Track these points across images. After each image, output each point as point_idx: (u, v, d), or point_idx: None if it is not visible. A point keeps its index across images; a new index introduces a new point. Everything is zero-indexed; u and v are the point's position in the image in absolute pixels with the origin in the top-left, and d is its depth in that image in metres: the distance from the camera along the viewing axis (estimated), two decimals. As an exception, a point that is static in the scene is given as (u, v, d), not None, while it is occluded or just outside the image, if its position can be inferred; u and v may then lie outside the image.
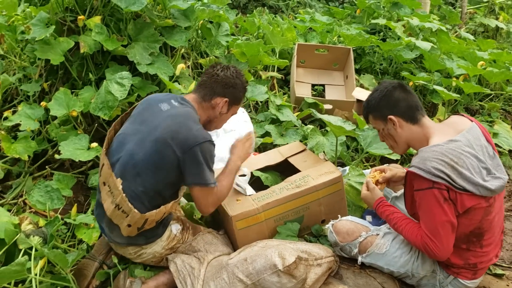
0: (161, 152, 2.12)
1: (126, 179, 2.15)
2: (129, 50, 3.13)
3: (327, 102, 3.96)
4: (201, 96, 2.31)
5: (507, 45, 7.57)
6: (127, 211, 2.11)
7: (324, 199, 2.56)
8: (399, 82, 2.22)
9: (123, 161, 2.18)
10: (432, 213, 1.96)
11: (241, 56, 3.85)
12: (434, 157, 1.94)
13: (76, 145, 2.89)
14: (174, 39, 3.32)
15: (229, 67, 2.34)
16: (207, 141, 2.14)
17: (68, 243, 2.69)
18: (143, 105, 2.34)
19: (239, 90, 2.35)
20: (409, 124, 2.14)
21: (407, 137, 2.16)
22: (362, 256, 2.26)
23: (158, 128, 2.15)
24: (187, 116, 2.19)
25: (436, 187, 1.92)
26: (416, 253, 2.21)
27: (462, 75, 4.72)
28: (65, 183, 2.86)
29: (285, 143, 3.22)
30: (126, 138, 2.23)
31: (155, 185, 2.16)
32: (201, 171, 2.14)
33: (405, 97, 2.15)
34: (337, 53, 4.48)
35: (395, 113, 2.15)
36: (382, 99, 2.17)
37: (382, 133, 2.25)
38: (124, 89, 2.92)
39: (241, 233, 2.40)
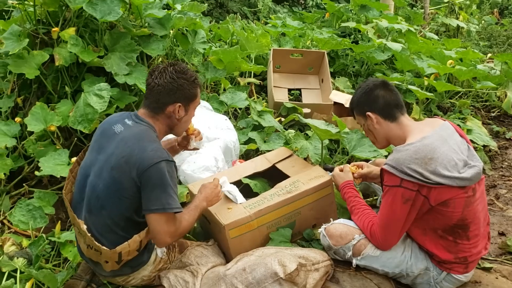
0: (119, 180, 2.01)
1: (93, 213, 2.08)
2: (105, 61, 3.06)
3: (306, 106, 3.97)
4: (151, 110, 2.15)
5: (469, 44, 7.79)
6: (98, 249, 2.04)
7: (315, 204, 2.55)
8: (383, 80, 2.29)
9: (87, 195, 2.10)
10: (390, 209, 2.08)
11: (218, 63, 3.83)
12: (407, 156, 2.02)
13: (56, 160, 2.80)
14: (151, 48, 3.26)
15: (166, 69, 2.11)
16: (163, 160, 1.99)
17: (53, 262, 2.59)
18: (99, 130, 2.22)
19: (188, 88, 2.14)
20: (387, 121, 2.22)
21: (385, 134, 2.25)
22: (356, 258, 2.26)
23: (113, 155, 2.04)
24: (140, 137, 2.05)
25: (403, 186, 2.01)
26: (409, 252, 2.23)
27: (433, 74, 4.82)
28: (46, 200, 2.77)
29: (269, 149, 3.21)
30: (88, 170, 2.14)
31: (122, 214, 2.07)
32: (159, 195, 1.98)
33: (384, 95, 2.23)
34: (312, 57, 4.51)
35: (373, 110, 2.23)
36: (362, 96, 2.27)
37: (363, 128, 2.35)
38: (104, 101, 2.85)
39: (234, 242, 2.36)
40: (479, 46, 7.96)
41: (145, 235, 2.10)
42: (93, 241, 2.03)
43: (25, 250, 2.40)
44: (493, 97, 5.29)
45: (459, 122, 4.34)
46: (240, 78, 3.97)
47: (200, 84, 2.24)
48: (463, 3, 9.35)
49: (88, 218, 2.09)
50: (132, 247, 2.08)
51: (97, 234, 2.07)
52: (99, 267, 2.16)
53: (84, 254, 2.17)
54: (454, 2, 8.97)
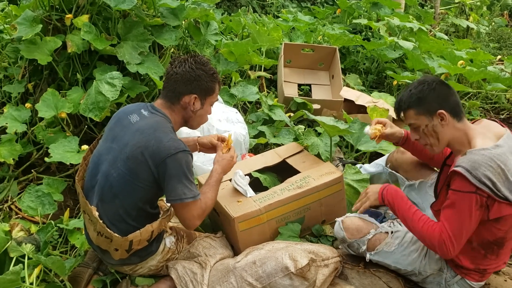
0: (134, 170, 2.01)
1: (106, 201, 2.08)
2: (118, 50, 3.05)
3: (316, 102, 3.95)
4: (168, 100, 2.14)
5: (479, 45, 7.75)
6: (109, 236, 2.04)
7: (325, 200, 2.54)
8: (440, 78, 2.15)
9: (100, 184, 2.09)
10: (463, 217, 1.92)
11: (229, 56, 3.81)
12: (484, 162, 1.89)
13: (65, 147, 2.79)
14: (164, 38, 3.25)
15: (187, 60, 2.11)
16: (180, 151, 1.99)
17: (60, 249, 2.59)
18: (114, 119, 2.21)
19: (206, 80, 2.12)
20: (455, 121, 2.05)
21: (450, 135, 2.07)
22: (370, 253, 2.25)
23: (128, 145, 2.03)
24: (157, 127, 2.05)
25: (478, 193, 1.88)
26: (424, 251, 2.20)
27: (443, 74, 4.79)
28: (55, 187, 2.76)
29: (279, 143, 3.19)
30: (100, 158, 2.13)
31: (134, 204, 2.07)
32: (177, 186, 1.99)
33: (452, 93, 2.07)
34: (323, 52, 4.48)
35: (445, 108, 2.03)
36: (431, 93, 2.05)
37: (423, 130, 2.10)
38: (115, 89, 2.83)
39: (243, 235, 2.36)
40: (489, 48, 7.91)
41: (157, 226, 2.10)
42: (105, 228, 2.03)
43: (33, 236, 2.39)
44: (503, 99, 5.25)
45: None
46: (251, 71, 3.95)
47: (219, 80, 2.22)
48: (474, 4, 9.28)
49: (100, 206, 2.08)
50: (144, 237, 2.08)
51: (107, 223, 2.07)
52: (107, 255, 2.15)
53: (93, 241, 2.16)
54: (464, 3, 8.91)
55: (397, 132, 2.48)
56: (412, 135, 2.17)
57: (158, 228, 2.13)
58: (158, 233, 2.17)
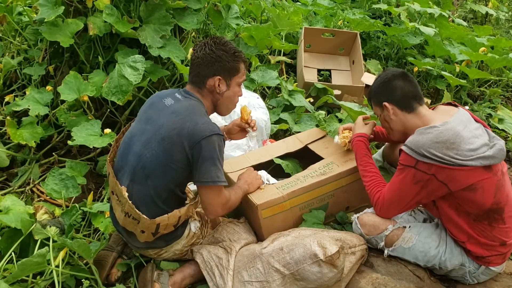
0: (168, 151, 2.02)
1: (137, 182, 2.08)
2: (140, 33, 3.02)
3: (336, 88, 3.90)
4: (195, 85, 2.16)
5: (499, 31, 7.60)
6: (137, 217, 2.05)
7: (349, 186, 2.51)
8: (402, 71, 2.26)
9: (131, 164, 2.10)
10: (399, 187, 2.09)
11: (250, 40, 3.76)
12: (428, 140, 1.99)
13: (88, 131, 2.79)
14: (186, 22, 3.21)
15: (207, 43, 2.12)
16: (214, 134, 2.01)
17: (83, 233, 2.60)
18: (147, 103, 2.25)
19: (227, 60, 2.11)
20: (404, 112, 2.19)
21: (402, 125, 2.22)
22: (388, 249, 2.23)
23: (163, 126, 2.05)
24: (192, 110, 2.07)
25: (417, 167, 2.01)
26: (444, 247, 2.18)
27: (465, 60, 4.70)
28: (78, 170, 2.76)
29: (301, 130, 3.16)
30: (133, 140, 2.14)
31: (166, 186, 2.08)
32: (211, 168, 2.01)
33: (402, 86, 2.20)
34: (344, 37, 4.42)
35: (390, 101, 2.21)
36: (380, 86, 2.25)
37: (380, 119, 2.33)
38: (138, 73, 2.81)
39: (266, 222, 2.34)
40: (509, 34, 7.76)
41: (185, 212, 2.10)
42: (134, 209, 2.03)
43: (58, 219, 2.40)
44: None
45: (490, 111, 4.25)
46: (271, 56, 3.90)
47: (244, 59, 2.19)
48: (493, -11, 9.09)
49: (131, 186, 2.09)
50: (171, 221, 2.08)
51: (138, 204, 2.07)
52: (133, 238, 2.16)
53: (119, 223, 2.16)
54: (484, -12, 8.73)
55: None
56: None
57: (186, 214, 2.13)
58: (185, 219, 2.16)
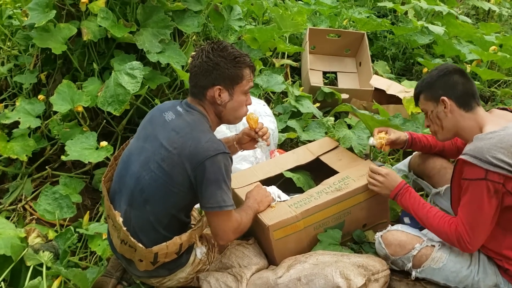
0: (169, 173, 1.82)
1: (135, 207, 1.89)
2: (137, 37, 2.82)
3: (344, 92, 3.72)
4: (195, 97, 1.95)
5: (504, 28, 7.43)
6: (133, 246, 1.85)
7: (366, 202, 2.32)
8: (459, 67, 2.07)
9: (129, 187, 1.90)
10: (477, 206, 1.83)
11: (253, 42, 3.57)
12: (492, 145, 1.80)
13: (83, 144, 2.60)
14: (186, 24, 3.01)
15: (204, 49, 1.91)
16: (220, 153, 1.80)
17: (79, 255, 2.41)
18: (147, 117, 2.04)
19: (227, 67, 1.88)
20: (461, 110, 2.00)
21: (455, 124, 2.02)
22: (416, 270, 2.04)
23: (162, 145, 1.85)
24: (194, 126, 1.87)
25: (489, 179, 1.78)
26: (476, 266, 2.00)
27: (475, 60, 4.52)
28: (72, 187, 2.57)
29: (310, 138, 2.98)
30: (131, 159, 1.94)
31: (167, 211, 1.88)
32: (217, 192, 1.81)
33: (463, 82, 2.02)
34: (350, 38, 4.24)
35: (449, 96, 2.01)
36: (439, 79, 2.04)
37: (430, 115, 2.10)
38: (136, 81, 2.62)
39: (279, 243, 2.15)
40: (515, 32, 7.58)
41: (187, 238, 1.90)
42: (128, 236, 1.84)
43: (51, 243, 2.20)
44: (536, 87, 4.99)
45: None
46: (275, 59, 3.71)
47: (248, 64, 1.96)
48: (495, -15, 8.92)
49: (128, 211, 1.90)
50: (171, 250, 1.89)
51: (136, 230, 1.89)
52: (132, 265, 1.98)
53: (117, 249, 1.98)
54: (486, -17, 8.55)
55: (402, 135, 2.41)
56: (425, 121, 2.16)
57: (188, 241, 1.93)
58: (188, 245, 1.97)
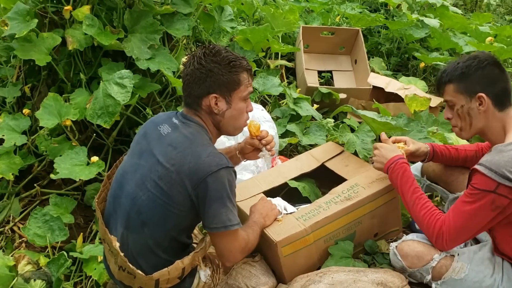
0: (168, 192, 1.68)
1: (132, 230, 1.74)
2: (125, 44, 2.66)
3: (342, 91, 3.59)
4: (190, 107, 1.81)
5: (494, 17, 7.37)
6: (132, 272, 1.70)
7: (378, 211, 2.20)
8: (496, 58, 1.88)
9: (125, 208, 1.76)
10: (472, 214, 1.76)
11: (245, 44, 3.42)
12: (510, 159, 1.69)
13: (73, 160, 2.44)
14: (176, 28, 2.86)
15: (196, 55, 1.77)
16: (223, 167, 1.67)
17: (74, 279, 2.26)
18: (141, 131, 1.88)
19: (221, 73, 1.73)
20: (495, 110, 1.84)
21: (485, 124, 1.87)
22: (436, 283, 1.92)
23: (159, 162, 1.70)
24: (192, 140, 1.73)
25: (497, 192, 1.69)
26: (500, 274, 1.88)
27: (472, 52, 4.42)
28: (64, 207, 2.42)
29: (311, 143, 2.85)
30: (125, 177, 1.79)
31: (167, 234, 1.74)
32: (221, 211, 1.68)
33: (503, 78, 1.85)
34: (344, 35, 4.11)
35: (487, 93, 1.83)
36: (478, 71, 1.84)
37: (458, 110, 1.90)
38: (126, 90, 2.47)
39: (288, 260, 2.02)
40: (506, 21, 7.52)
41: (189, 261, 1.76)
42: (127, 263, 1.69)
43: (43, 270, 2.06)
44: (531, 77, 4.91)
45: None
46: (270, 60, 3.57)
47: (246, 67, 1.80)
48: (483, -26, 8.86)
49: (125, 235, 1.75)
50: (173, 275, 1.74)
51: (135, 254, 1.74)
52: None
53: (114, 276, 1.83)
54: (473, -28, 8.49)
55: (422, 147, 2.23)
56: (446, 112, 1.98)
57: (191, 264, 1.78)
58: (191, 268, 1.83)
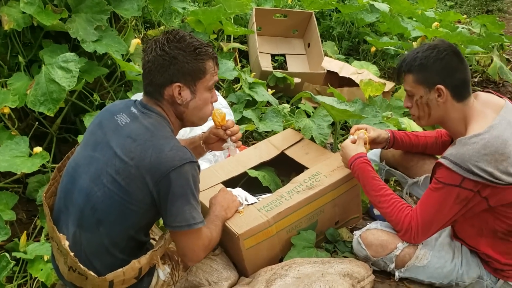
0: (126, 188, 1.55)
1: (86, 229, 1.60)
2: (70, 25, 2.47)
3: (296, 75, 3.53)
4: (151, 96, 1.68)
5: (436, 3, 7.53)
6: (83, 273, 1.57)
7: (339, 199, 2.17)
8: (456, 47, 1.85)
9: (78, 205, 1.61)
10: (438, 208, 1.77)
11: (197, 25, 3.28)
12: (475, 151, 1.69)
13: (13, 151, 2.24)
14: (124, 8, 2.67)
15: (158, 40, 1.63)
16: (187, 162, 1.55)
17: (18, 281, 2.08)
18: (96, 120, 1.73)
19: (186, 60, 1.62)
20: (454, 100, 1.82)
21: (444, 114, 1.86)
22: (399, 270, 1.92)
23: (117, 155, 1.57)
24: (154, 132, 1.60)
25: (462, 186, 1.70)
26: (459, 259, 1.92)
27: (420, 37, 4.48)
28: (4, 202, 2.21)
29: (268, 129, 2.77)
30: (78, 171, 1.64)
31: (125, 232, 1.61)
32: (185, 208, 1.57)
33: (462, 69, 1.82)
34: (297, 18, 4.03)
35: (446, 84, 1.80)
36: (437, 62, 1.81)
37: (417, 100, 1.89)
38: (72, 75, 2.29)
39: (250, 252, 1.95)
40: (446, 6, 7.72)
41: (147, 261, 1.64)
42: (77, 263, 1.55)
43: (-17, 273, 1.87)
44: (473, 62, 5.06)
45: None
46: (223, 43, 3.44)
47: (211, 55, 1.69)
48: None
49: (78, 234, 1.60)
50: (128, 276, 1.62)
51: (88, 254, 1.61)
52: None
53: (64, 277, 1.68)
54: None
55: (382, 133, 2.22)
56: (405, 101, 1.96)
57: (148, 264, 1.66)
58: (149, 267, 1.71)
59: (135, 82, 2.68)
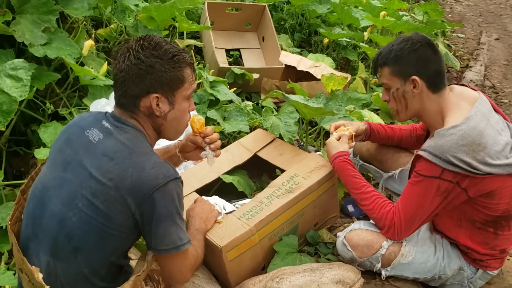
0: (105, 212, 1.41)
1: (61, 258, 1.44)
2: (14, 28, 2.24)
3: (255, 71, 3.44)
4: (125, 109, 1.54)
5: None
6: None
7: (319, 200, 2.12)
8: (430, 39, 1.86)
9: (50, 232, 1.45)
10: (420, 202, 1.79)
11: (150, 22, 3.10)
12: (453, 143, 1.71)
13: (-40, 172, 2.01)
14: (74, 8, 2.47)
15: (132, 48, 1.49)
16: (171, 180, 1.44)
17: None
18: (63, 136, 1.56)
19: (163, 69, 1.48)
20: (429, 91, 1.85)
21: (421, 106, 1.88)
22: (386, 269, 1.91)
23: (92, 175, 1.42)
24: (132, 148, 1.47)
25: (442, 177, 1.72)
26: (441, 252, 1.94)
27: (369, 27, 4.51)
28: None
29: (234, 130, 2.67)
30: (47, 194, 1.47)
31: (105, 259, 1.47)
32: (171, 230, 1.46)
33: (436, 60, 1.85)
34: (250, 11, 3.94)
35: (421, 75, 1.83)
36: (411, 54, 1.83)
37: (393, 93, 1.91)
38: (23, 84, 2.07)
39: (233, 264, 1.86)
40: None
41: (131, 287, 1.51)
42: None
43: None
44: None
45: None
46: (179, 40, 3.29)
47: (189, 62, 1.56)
48: None
49: (53, 264, 1.44)
50: None
51: (65, 285, 1.45)
52: None
53: None
54: None
55: (360, 125, 2.22)
56: (383, 95, 1.98)
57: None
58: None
59: (91, 87, 2.49)
